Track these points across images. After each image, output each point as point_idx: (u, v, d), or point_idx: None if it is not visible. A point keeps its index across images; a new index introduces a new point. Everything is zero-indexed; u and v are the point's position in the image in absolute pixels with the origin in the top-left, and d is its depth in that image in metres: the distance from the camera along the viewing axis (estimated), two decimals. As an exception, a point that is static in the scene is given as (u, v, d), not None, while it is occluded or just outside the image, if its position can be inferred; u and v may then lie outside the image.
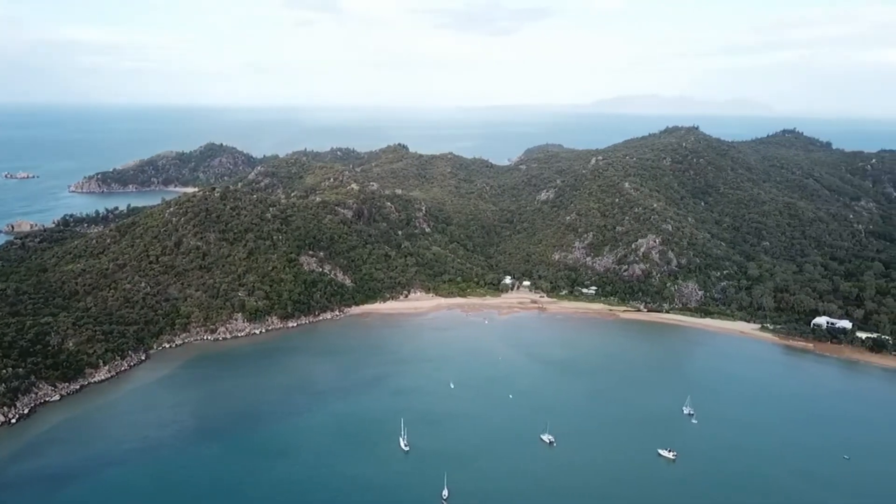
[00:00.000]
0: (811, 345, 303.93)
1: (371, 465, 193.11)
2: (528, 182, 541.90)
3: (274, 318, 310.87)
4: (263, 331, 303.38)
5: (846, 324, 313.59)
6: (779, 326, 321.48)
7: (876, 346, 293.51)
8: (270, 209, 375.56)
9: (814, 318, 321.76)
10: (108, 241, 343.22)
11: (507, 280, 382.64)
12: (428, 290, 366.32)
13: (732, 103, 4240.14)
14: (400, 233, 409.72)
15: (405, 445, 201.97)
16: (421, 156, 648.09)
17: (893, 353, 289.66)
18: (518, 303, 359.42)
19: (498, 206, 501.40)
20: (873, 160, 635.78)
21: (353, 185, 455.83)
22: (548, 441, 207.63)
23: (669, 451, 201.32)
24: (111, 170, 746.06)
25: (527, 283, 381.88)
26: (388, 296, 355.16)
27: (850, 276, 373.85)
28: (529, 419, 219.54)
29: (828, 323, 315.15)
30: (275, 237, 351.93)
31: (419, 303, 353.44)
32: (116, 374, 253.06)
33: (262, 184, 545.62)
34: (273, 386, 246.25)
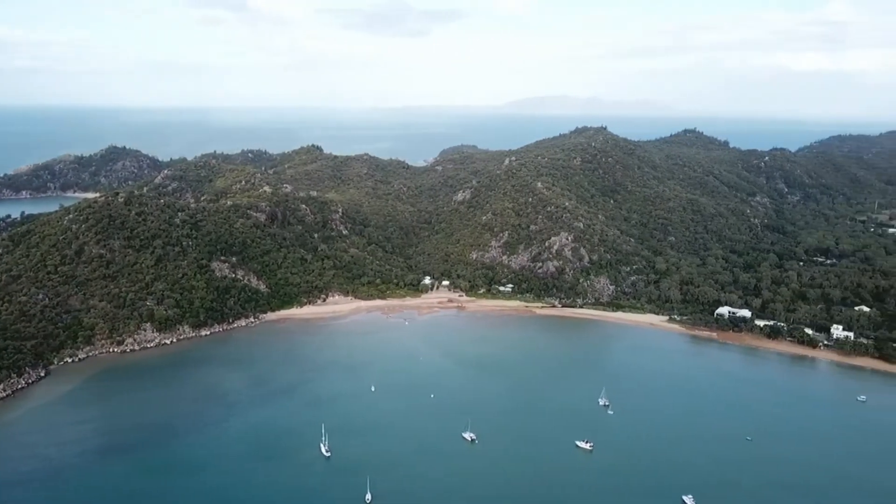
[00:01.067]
0: (715, 334, 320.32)
1: (291, 473, 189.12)
2: (444, 183, 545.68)
3: (185, 326, 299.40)
4: (174, 340, 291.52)
5: (746, 313, 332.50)
6: (685, 317, 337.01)
7: (772, 333, 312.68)
8: (179, 214, 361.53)
9: (717, 308, 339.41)
10: (0, 251, 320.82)
11: (427, 280, 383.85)
12: (347, 294, 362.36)
13: (639, 104, 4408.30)
14: (316, 236, 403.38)
15: (326, 451, 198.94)
16: (336, 157, 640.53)
17: (788, 338, 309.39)
18: (438, 303, 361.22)
19: (416, 206, 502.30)
20: (766, 158, 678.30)
21: (266, 188, 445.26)
22: (469, 439, 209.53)
23: (586, 441, 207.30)
24: (1, 175, 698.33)
25: (446, 282, 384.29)
26: (306, 300, 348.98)
27: (749, 268, 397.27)
28: (451, 418, 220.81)
29: (729, 312, 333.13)
30: (184, 243, 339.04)
31: (338, 306, 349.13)
32: (13, 392, 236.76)
33: (170, 188, 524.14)
34: (185, 397, 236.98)
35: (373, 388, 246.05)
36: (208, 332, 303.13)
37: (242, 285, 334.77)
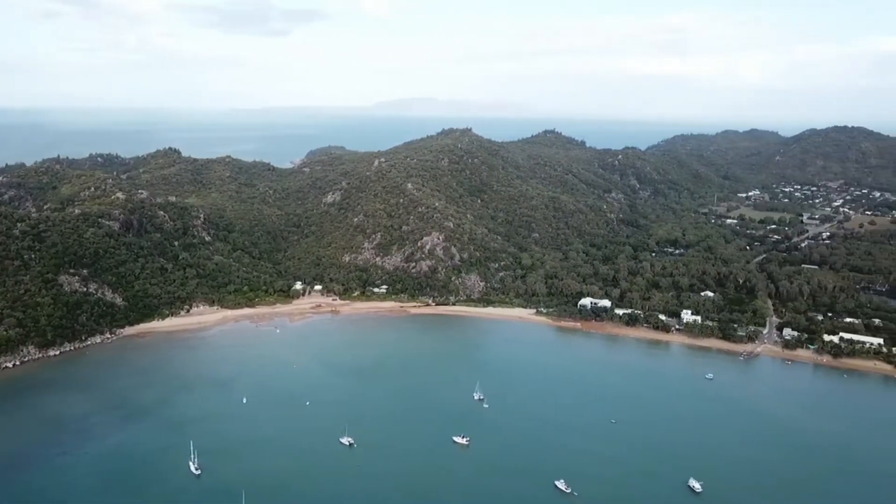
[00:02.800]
0: (579, 324, 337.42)
1: (158, 496, 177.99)
2: (313, 184, 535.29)
3: (31, 347, 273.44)
4: (18, 363, 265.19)
5: (606, 303, 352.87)
6: (551, 310, 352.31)
7: (631, 321, 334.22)
8: (19, 225, 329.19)
9: (580, 299, 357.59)
10: None
11: (298, 286, 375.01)
12: (212, 303, 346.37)
13: (502, 106, 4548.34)
14: (176, 243, 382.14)
15: (196, 469, 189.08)
16: (195, 160, 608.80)
17: (644, 325, 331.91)
18: (311, 308, 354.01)
19: (283, 210, 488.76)
20: (620, 156, 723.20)
21: (119, 194, 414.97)
22: (348, 443, 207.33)
23: (463, 437, 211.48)
24: None
25: (318, 287, 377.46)
26: (168, 312, 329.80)
27: (607, 260, 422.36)
28: (328, 424, 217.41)
29: (591, 303, 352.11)
30: (26, 256, 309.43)
31: (203, 317, 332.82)
32: None
33: (6, 196, 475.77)
34: (32, 426, 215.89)
35: (245, 400, 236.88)
36: (58, 352, 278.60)
37: (96, 299, 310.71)
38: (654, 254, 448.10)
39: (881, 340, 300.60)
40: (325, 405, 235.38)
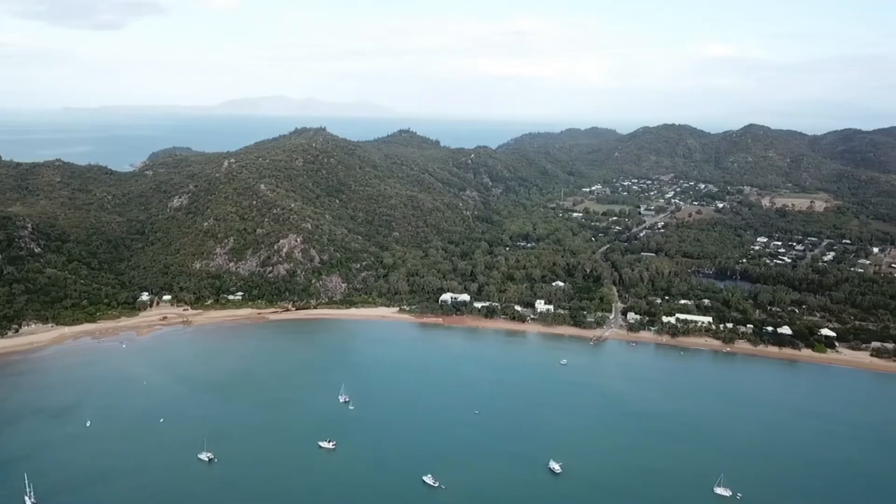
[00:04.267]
0: (441, 319, 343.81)
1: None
2: (157, 188, 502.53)
3: None
4: None
5: (466, 297, 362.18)
6: (414, 307, 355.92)
7: (489, 313, 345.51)
8: None
9: (440, 295, 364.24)
10: None
11: (145, 297, 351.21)
12: (46, 321, 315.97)
13: (356, 105, 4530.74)
14: (1, 257, 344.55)
15: (32, 502, 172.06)
16: (19, 164, 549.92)
17: (502, 316, 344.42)
18: (160, 319, 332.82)
19: (125, 216, 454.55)
20: (472, 155, 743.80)
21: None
22: (207, 459, 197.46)
23: (329, 441, 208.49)
24: None
25: (167, 297, 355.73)
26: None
27: (465, 256, 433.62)
28: (185, 440, 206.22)
29: (452, 298, 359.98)
30: None
31: (36, 336, 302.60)
32: None
33: None
34: None
35: (88, 424, 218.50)
36: None
37: None
38: (508, 248, 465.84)
39: (710, 319, 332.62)
40: (181, 422, 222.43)
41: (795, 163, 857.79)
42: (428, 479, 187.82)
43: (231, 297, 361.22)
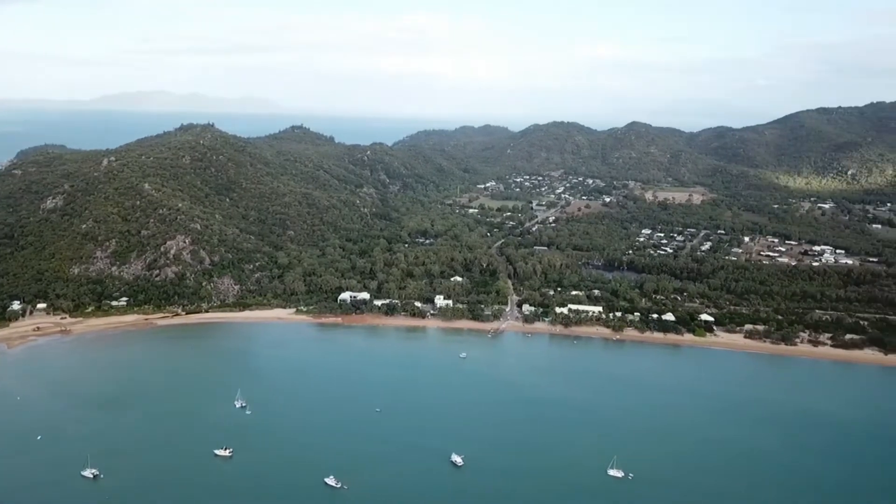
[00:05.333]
0: (340, 318, 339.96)
1: None
2: (27, 189, 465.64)
3: None
4: None
5: (365, 295, 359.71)
6: (311, 307, 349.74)
7: (389, 310, 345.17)
8: None
9: (339, 294, 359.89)
10: None
11: (16, 306, 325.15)
12: None
13: (244, 101, 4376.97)
14: None
15: None
16: None
17: (402, 313, 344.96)
18: (34, 330, 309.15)
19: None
20: (368, 152, 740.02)
21: None
22: (92, 475, 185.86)
23: (225, 448, 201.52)
24: None
25: (42, 305, 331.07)
26: None
27: (364, 254, 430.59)
28: (68, 457, 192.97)
29: (351, 297, 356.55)
30: None
31: None
32: None
33: None
34: None
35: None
36: None
37: None
38: (406, 245, 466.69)
39: (600, 308, 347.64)
40: (62, 438, 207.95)
41: (675, 158, 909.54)
42: (330, 481, 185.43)
43: (115, 303, 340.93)
